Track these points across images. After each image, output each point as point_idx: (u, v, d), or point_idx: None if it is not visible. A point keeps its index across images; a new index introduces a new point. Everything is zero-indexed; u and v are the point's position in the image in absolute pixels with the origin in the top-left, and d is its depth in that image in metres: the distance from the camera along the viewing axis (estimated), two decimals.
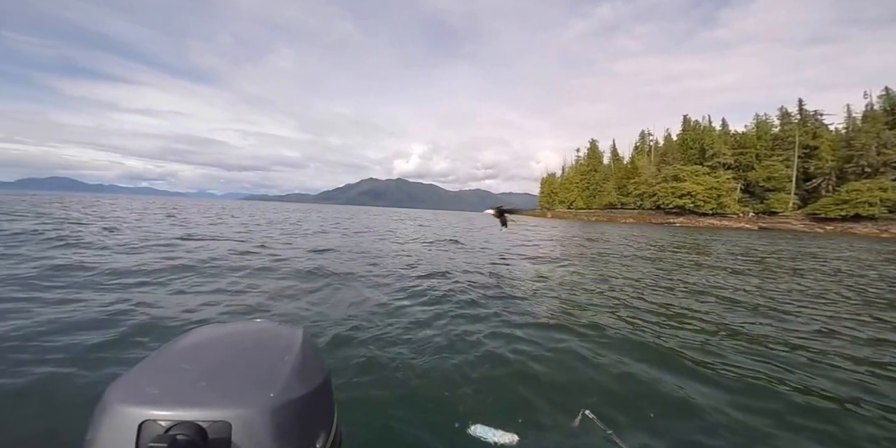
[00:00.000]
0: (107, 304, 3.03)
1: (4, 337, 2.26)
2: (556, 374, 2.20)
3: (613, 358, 2.43)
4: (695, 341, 2.82)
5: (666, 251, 10.29)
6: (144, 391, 0.47)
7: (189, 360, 0.54)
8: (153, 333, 2.50)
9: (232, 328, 0.69)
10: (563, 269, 6.21)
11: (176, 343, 0.61)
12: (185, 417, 0.44)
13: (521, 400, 1.91)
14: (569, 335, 2.81)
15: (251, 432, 0.45)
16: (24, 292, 3.19)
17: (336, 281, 4.40)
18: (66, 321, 2.60)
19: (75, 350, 2.18)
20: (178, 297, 3.43)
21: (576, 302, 3.94)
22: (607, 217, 54.46)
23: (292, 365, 0.54)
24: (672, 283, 5.20)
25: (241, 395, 0.48)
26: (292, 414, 0.48)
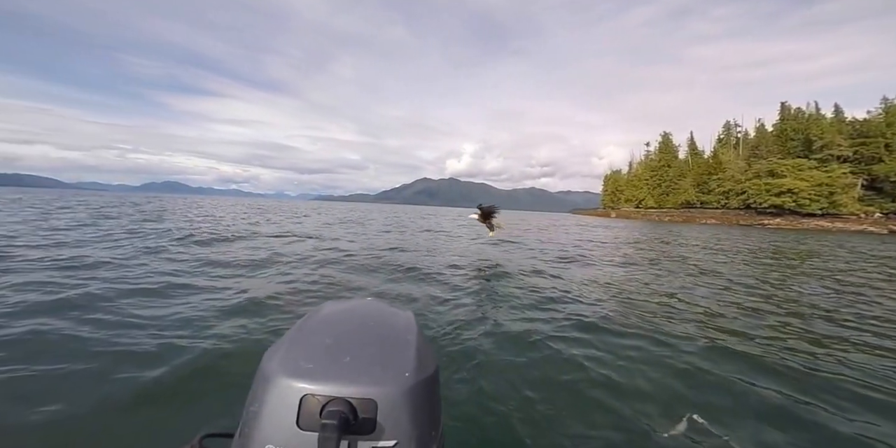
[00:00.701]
0: (241, 290, 3.65)
1: (170, 320, 2.72)
2: (634, 380, 2.09)
3: (698, 367, 2.27)
4: (801, 354, 2.56)
5: (764, 256, 9.31)
6: (301, 365, 0.48)
7: (328, 335, 0.56)
8: (275, 313, 2.96)
9: (354, 305, 0.73)
10: (633, 273, 5.89)
11: (312, 317, 0.63)
12: (339, 394, 0.45)
13: (599, 405, 1.83)
14: (642, 342, 2.68)
15: (394, 411, 0.46)
16: (171, 286, 3.68)
17: (401, 277, 4.71)
18: (215, 305, 3.10)
19: (222, 328, 2.60)
20: (288, 284, 4.03)
21: (650, 308, 3.69)
22: (683, 217, 49.97)
23: (416, 346, 0.56)
24: (771, 291, 4.72)
25: (383, 373, 0.49)
26: (423, 395, 0.49)
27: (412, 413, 0.47)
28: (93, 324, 2.57)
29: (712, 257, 8.74)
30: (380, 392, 0.46)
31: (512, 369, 2.20)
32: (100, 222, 9.72)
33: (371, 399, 0.46)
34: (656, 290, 4.64)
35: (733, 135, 58.61)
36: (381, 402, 0.46)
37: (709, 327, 3.15)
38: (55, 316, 2.67)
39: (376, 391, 0.46)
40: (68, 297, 3.07)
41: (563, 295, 4.08)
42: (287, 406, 0.46)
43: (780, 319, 3.47)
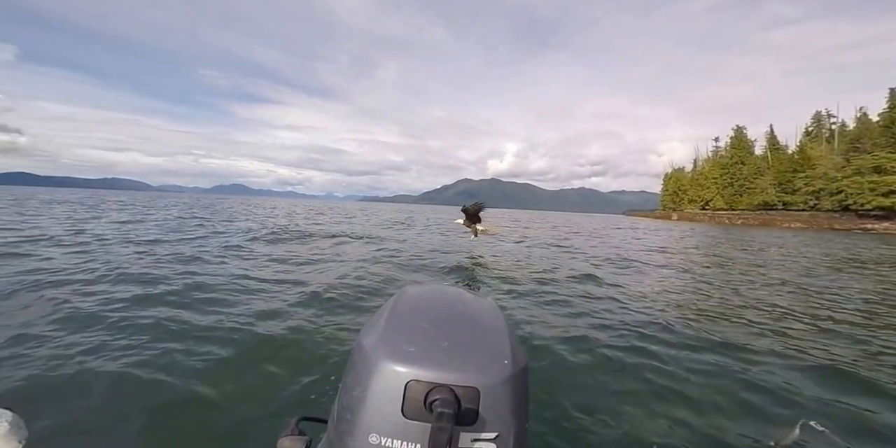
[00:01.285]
0: (306, 283, 4.17)
1: (250, 309, 3.14)
2: (709, 395, 1.98)
3: (786, 384, 2.12)
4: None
5: (872, 266, 8.14)
6: (403, 348, 0.46)
7: (422, 318, 0.54)
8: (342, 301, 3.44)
9: (437, 289, 0.71)
10: (700, 281, 5.53)
11: (400, 300, 0.61)
12: (443, 380, 0.42)
13: (672, 418, 1.76)
14: (713, 355, 2.55)
15: (496, 402, 0.43)
16: (247, 279, 4.25)
17: (447, 277, 4.83)
18: (285, 297, 3.55)
19: (311, 313, 3.10)
20: (347, 279, 4.45)
21: (723, 319, 3.48)
22: (760, 220, 45.06)
23: (508, 335, 0.53)
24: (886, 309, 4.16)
25: (485, 361, 0.46)
26: (521, 385, 0.47)
27: (513, 404, 0.45)
28: (191, 309, 3.11)
29: (801, 265, 7.89)
30: (482, 380, 0.44)
31: (565, 376, 2.18)
32: (187, 221, 11.52)
33: (474, 388, 0.43)
34: (729, 300, 4.33)
35: (825, 127, 51.63)
36: (483, 392, 0.43)
37: (803, 344, 2.90)
38: (166, 303, 3.27)
39: (479, 379, 0.44)
40: (175, 288, 3.74)
41: (620, 302, 3.95)
42: (392, 393, 0.43)
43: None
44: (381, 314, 0.58)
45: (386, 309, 0.59)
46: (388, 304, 0.61)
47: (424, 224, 16.68)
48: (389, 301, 0.62)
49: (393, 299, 0.62)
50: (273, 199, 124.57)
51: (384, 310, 0.59)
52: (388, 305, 0.60)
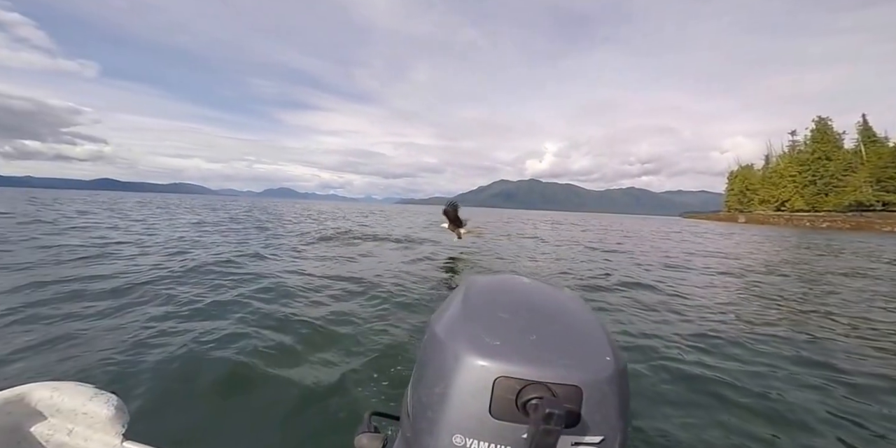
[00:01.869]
0: (356, 279, 4.64)
1: (338, 306, 3.51)
2: (798, 414, 1.92)
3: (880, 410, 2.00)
4: None
5: None
6: (488, 343, 0.43)
7: (500, 310, 0.51)
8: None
9: (506, 279, 0.66)
10: (773, 289, 5.17)
11: (471, 289, 0.58)
12: (538, 378, 0.39)
13: (743, 431, 1.75)
14: (784, 362, 2.55)
15: (600, 402, 0.39)
16: (302, 275, 4.87)
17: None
18: (366, 293, 3.97)
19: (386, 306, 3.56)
20: (397, 278, 4.93)
21: (803, 333, 3.28)
22: (852, 223, 39.52)
23: (602, 328, 0.49)
24: None
25: (585, 357, 0.42)
26: (625, 384, 0.42)
27: (618, 405, 0.40)
28: (270, 303, 3.51)
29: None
30: (584, 378, 0.39)
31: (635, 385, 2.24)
32: (253, 225, 12.80)
33: (576, 386, 0.39)
34: (817, 318, 3.88)
35: None
36: (586, 391, 0.39)
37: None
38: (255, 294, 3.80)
39: (581, 377, 0.39)
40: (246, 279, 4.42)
41: (679, 313, 3.81)
42: (478, 390, 0.39)
43: None
44: (451, 305, 0.55)
45: (456, 299, 0.56)
46: (457, 295, 0.58)
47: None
48: (458, 291, 0.59)
49: (462, 289, 0.59)
50: (317, 202, 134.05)
51: (454, 300, 0.56)
52: (457, 296, 0.57)
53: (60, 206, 18.85)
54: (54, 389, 0.77)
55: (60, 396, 0.75)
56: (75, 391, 0.76)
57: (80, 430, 0.75)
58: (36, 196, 38.10)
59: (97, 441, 0.74)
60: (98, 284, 3.81)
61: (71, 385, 0.79)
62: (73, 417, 0.75)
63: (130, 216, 13.82)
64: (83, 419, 0.74)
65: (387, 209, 52.39)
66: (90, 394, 0.76)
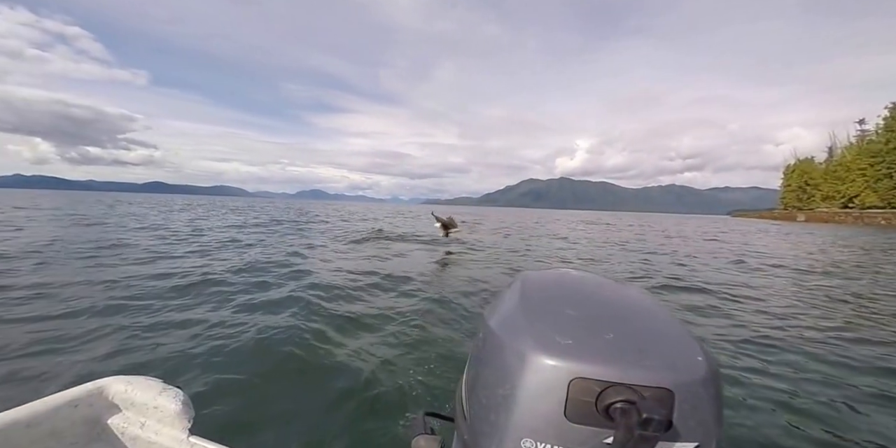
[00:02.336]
0: (397, 275, 4.94)
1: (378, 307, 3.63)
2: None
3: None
4: None
5: None
6: (558, 342, 0.39)
7: (567, 306, 0.47)
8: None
9: (566, 274, 0.62)
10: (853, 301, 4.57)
11: (527, 286, 0.55)
12: (621, 379, 0.36)
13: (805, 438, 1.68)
14: (853, 373, 2.40)
15: (695, 405, 0.36)
16: (350, 271, 5.16)
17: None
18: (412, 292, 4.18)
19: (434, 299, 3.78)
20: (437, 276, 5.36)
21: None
22: None
23: (685, 327, 0.44)
24: None
25: (674, 357, 0.39)
26: (719, 387, 0.39)
27: (714, 408, 0.37)
28: (323, 299, 3.70)
29: None
30: (676, 380, 0.37)
31: None
32: (305, 226, 13.62)
33: (667, 389, 0.36)
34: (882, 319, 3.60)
35: None
36: (678, 393, 0.36)
37: None
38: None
39: (672, 379, 0.36)
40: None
41: (732, 313, 3.70)
42: (551, 392, 0.37)
43: None
44: (508, 302, 0.52)
45: (512, 296, 0.53)
46: (512, 291, 0.55)
47: (492, 228, 16.97)
48: (512, 287, 0.56)
49: (517, 285, 0.56)
50: (347, 203, 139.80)
51: (510, 297, 0.53)
52: (513, 292, 0.54)
53: (128, 208, 20.81)
54: (128, 383, 0.80)
55: (134, 390, 0.78)
56: (146, 385, 0.79)
57: (151, 424, 0.78)
58: (101, 199, 42.08)
59: (166, 435, 0.76)
60: (163, 282, 4.14)
61: (141, 379, 0.81)
62: (144, 411, 0.78)
63: (187, 218, 14.96)
64: (154, 413, 0.77)
65: (414, 210, 53.02)
66: (159, 388, 0.78)
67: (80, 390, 0.78)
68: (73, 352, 2.36)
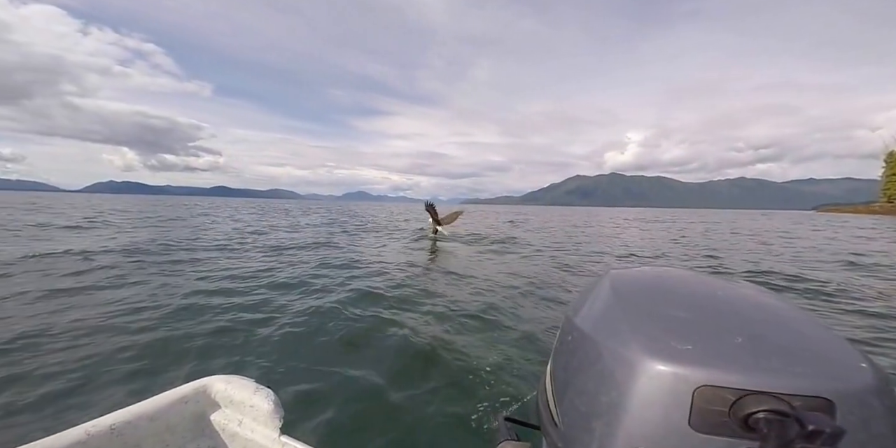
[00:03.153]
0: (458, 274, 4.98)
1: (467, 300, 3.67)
2: None
3: None
4: None
5: None
6: (674, 346, 0.37)
7: (674, 307, 0.43)
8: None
9: (665, 271, 0.57)
10: None
11: (619, 285, 0.51)
12: (761, 387, 0.33)
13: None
14: None
15: (864, 417, 0.32)
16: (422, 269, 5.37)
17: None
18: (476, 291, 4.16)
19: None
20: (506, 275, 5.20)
21: None
22: None
23: (831, 330, 0.40)
24: None
25: (830, 363, 0.35)
26: (892, 396, 0.34)
27: (889, 421, 0.33)
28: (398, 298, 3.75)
29: None
30: (837, 388, 0.33)
31: None
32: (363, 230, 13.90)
33: (825, 399, 0.32)
34: None
35: None
36: (841, 404, 0.33)
37: None
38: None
39: (832, 387, 0.33)
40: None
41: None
42: (671, 400, 0.34)
43: None
44: (598, 303, 0.48)
45: (602, 295, 0.49)
46: (601, 290, 0.51)
47: (536, 226, 16.57)
48: (600, 287, 0.52)
49: (605, 284, 0.52)
50: (390, 204, 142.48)
51: (600, 297, 0.49)
52: (602, 291, 0.50)
53: (214, 211, 22.53)
54: (227, 382, 0.84)
55: (233, 389, 0.83)
56: (242, 384, 0.83)
57: (248, 422, 0.81)
58: (185, 203, 44.62)
59: (260, 433, 0.79)
60: (253, 281, 4.24)
61: (237, 378, 0.86)
62: (242, 409, 0.82)
63: (267, 221, 15.80)
64: (250, 411, 0.80)
65: (455, 209, 53.09)
66: (253, 388, 0.82)
67: (189, 388, 0.84)
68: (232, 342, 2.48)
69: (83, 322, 2.75)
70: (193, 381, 0.86)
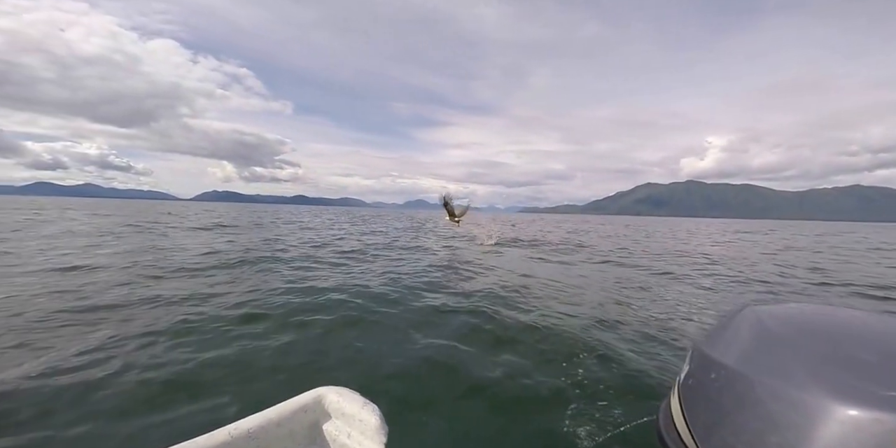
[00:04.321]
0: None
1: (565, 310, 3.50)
2: None
3: None
4: None
5: None
6: (873, 392, 0.35)
7: (857, 349, 0.42)
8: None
9: (820, 311, 0.55)
10: None
11: (769, 322, 0.49)
12: None
13: None
14: None
15: None
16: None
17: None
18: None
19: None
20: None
21: None
22: None
23: None
24: None
25: None
26: None
27: None
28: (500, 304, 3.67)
29: None
30: None
31: None
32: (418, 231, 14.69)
33: None
34: None
35: None
36: None
37: None
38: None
39: None
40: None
41: None
42: (874, 445, 0.33)
43: None
44: (746, 339, 0.47)
45: (751, 332, 0.48)
46: (746, 326, 0.50)
47: (602, 235, 15.88)
48: (743, 322, 0.51)
49: (750, 320, 0.51)
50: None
51: (748, 334, 0.48)
52: (749, 327, 0.49)
53: (303, 218, 24.62)
54: (338, 394, 0.85)
55: (344, 401, 0.83)
56: (351, 398, 0.84)
57: (356, 435, 0.81)
58: (290, 211, 46.77)
59: (365, 447, 0.79)
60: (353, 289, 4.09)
61: (346, 391, 0.87)
62: (351, 422, 0.82)
63: (366, 226, 16.92)
64: (358, 425, 0.81)
65: (513, 218, 51.45)
66: (361, 402, 0.83)
67: (308, 398, 0.86)
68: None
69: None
70: (311, 391, 0.89)
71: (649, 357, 2.39)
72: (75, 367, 1.97)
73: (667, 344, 2.65)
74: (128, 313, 2.91)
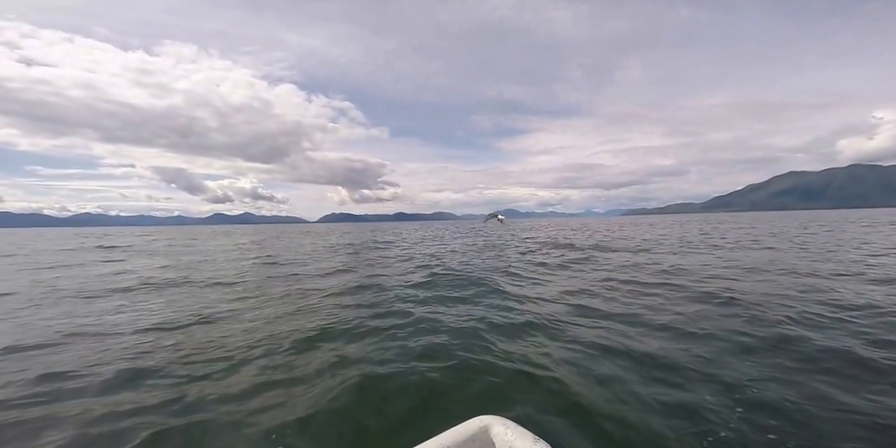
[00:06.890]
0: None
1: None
2: None
3: None
4: None
5: None
6: None
7: None
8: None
9: None
10: None
11: None
12: None
13: None
14: None
15: None
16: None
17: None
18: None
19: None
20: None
21: None
22: None
23: None
24: None
25: None
26: None
27: None
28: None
29: None
30: None
31: None
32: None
33: None
34: None
35: None
36: None
37: None
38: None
39: None
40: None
41: None
42: None
43: None
44: None
45: None
46: None
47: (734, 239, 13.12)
48: None
49: None
50: (539, 219, 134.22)
51: None
52: None
53: (440, 232, 27.87)
54: (505, 426, 0.79)
55: (511, 435, 0.77)
56: (520, 433, 0.77)
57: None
58: (390, 230, 47.95)
59: None
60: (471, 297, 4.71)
61: (513, 424, 0.81)
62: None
63: (475, 241, 16.73)
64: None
65: (612, 221, 45.77)
66: (531, 439, 0.75)
67: (474, 427, 0.81)
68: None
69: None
70: (475, 419, 0.84)
71: None
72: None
73: None
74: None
